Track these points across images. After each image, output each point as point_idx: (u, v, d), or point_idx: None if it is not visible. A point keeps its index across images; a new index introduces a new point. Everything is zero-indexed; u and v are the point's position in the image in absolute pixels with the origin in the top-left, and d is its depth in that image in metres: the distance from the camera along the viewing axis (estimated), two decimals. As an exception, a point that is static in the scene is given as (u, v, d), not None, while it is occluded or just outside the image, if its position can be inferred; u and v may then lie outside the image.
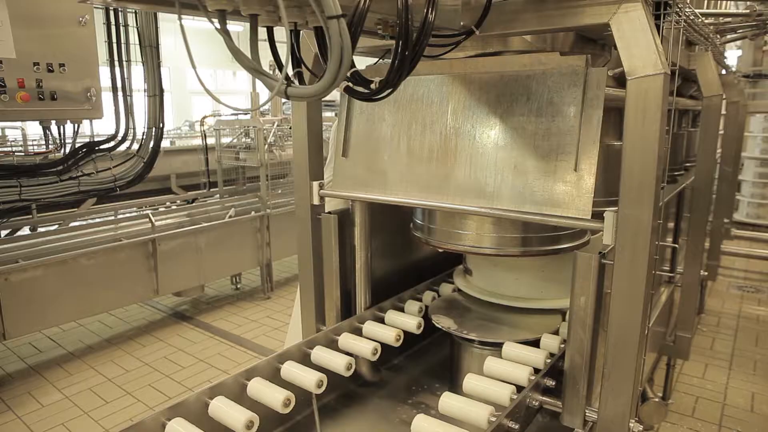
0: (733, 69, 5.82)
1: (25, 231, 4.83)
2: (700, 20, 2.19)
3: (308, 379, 1.51)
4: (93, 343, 4.61)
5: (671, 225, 3.06)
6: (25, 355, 4.39)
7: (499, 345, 1.72)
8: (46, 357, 4.37)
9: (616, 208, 1.33)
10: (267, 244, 5.57)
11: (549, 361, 1.63)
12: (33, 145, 5.17)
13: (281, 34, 1.06)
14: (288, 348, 1.67)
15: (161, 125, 4.82)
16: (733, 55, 6.69)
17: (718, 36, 2.97)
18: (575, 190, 1.42)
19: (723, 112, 3.49)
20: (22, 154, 4.40)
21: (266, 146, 5.58)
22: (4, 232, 4.59)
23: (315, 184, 1.95)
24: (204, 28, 1.50)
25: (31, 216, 4.43)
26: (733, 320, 4.87)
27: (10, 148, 4.88)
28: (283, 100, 5.85)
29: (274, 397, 1.41)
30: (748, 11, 2.86)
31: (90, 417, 3.50)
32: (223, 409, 1.36)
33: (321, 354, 1.67)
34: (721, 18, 2.91)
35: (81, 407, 3.60)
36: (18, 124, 5.20)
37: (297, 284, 2.08)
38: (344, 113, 1.89)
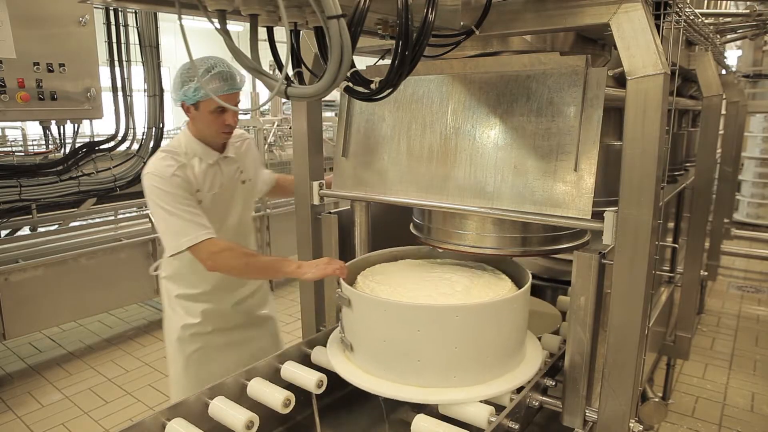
0: (733, 69, 5.82)
1: (25, 231, 4.82)
2: (700, 20, 2.19)
3: (308, 379, 1.51)
4: (93, 343, 4.61)
5: (671, 225, 3.06)
6: (25, 355, 4.39)
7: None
8: (46, 357, 4.36)
9: (616, 208, 1.33)
10: (267, 244, 5.57)
11: (549, 360, 1.63)
12: (33, 145, 5.16)
13: (281, 34, 1.06)
14: (288, 348, 1.67)
15: (161, 125, 4.82)
16: (733, 55, 6.69)
17: (718, 36, 2.97)
18: (575, 190, 1.42)
19: (723, 112, 3.49)
20: (22, 154, 4.40)
21: (266, 146, 5.58)
22: (4, 232, 4.59)
23: (315, 184, 1.95)
24: (204, 28, 1.50)
25: (31, 216, 4.42)
26: (733, 320, 4.86)
27: (10, 148, 4.87)
28: (283, 100, 5.85)
29: (274, 397, 1.41)
30: (748, 11, 2.86)
31: (90, 417, 3.49)
32: (223, 409, 1.36)
33: (321, 354, 1.67)
34: (721, 18, 2.91)
35: (81, 407, 3.60)
36: (18, 124, 5.19)
37: (298, 283, 2.07)
38: (344, 113, 1.89)
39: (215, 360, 2.17)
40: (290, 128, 5.88)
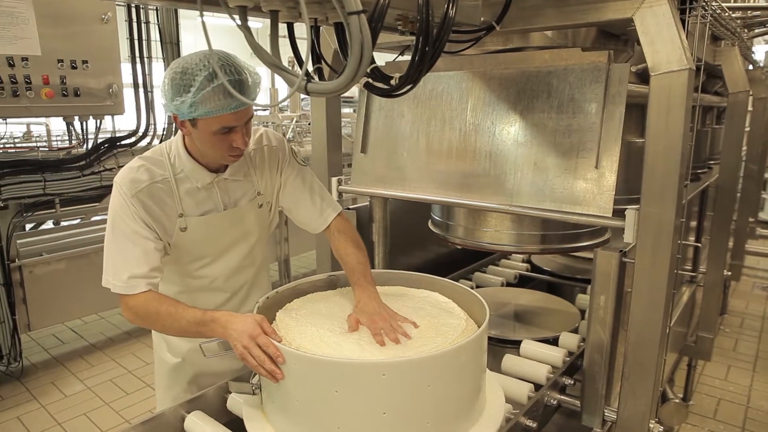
0: (761, 64, 5.68)
1: (49, 225, 4.92)
2: (726, 14, 2.15)
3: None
4: (114, 335, 4.69)
5: (694, 223, 3.01)
6: (49, 346, 4.48)
7: (518, 343, 1.72)
8: (68, 348, 4.45)
9: (638, 206, 1.31)
10: (285, 239, 5.59)
11: (568, 359, 1.62)
12: (57, 140, 5.25)
13: (301, 29, 1.07)
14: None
15: (181, 121, 4.86)
16: (761, 50, 6.53)
17: (746, 30, 2.90)
18: (596, 187, 1.41)
19: (749, 108, 3.41)
20: (47, 149, 4.48)
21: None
22: (28, 226, 4.69)
23: (334, 180, 1.95)
24: (224, 24, 1.51)
25: (54, 210, 4.51)
26: (757, 321, 4.77)
27: (35, 144, 4.96)
28: (302, 96, 5.87)
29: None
30: (776, 5, 2.79)
31: (111, 407, 3.55)
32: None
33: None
34: (749, 12, 2.85)
35: (102, 398, 3.67)
36: (42, 120, 5.29)
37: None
38: (363, 109, 1.89)
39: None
40: (309, 124, 5.90)
